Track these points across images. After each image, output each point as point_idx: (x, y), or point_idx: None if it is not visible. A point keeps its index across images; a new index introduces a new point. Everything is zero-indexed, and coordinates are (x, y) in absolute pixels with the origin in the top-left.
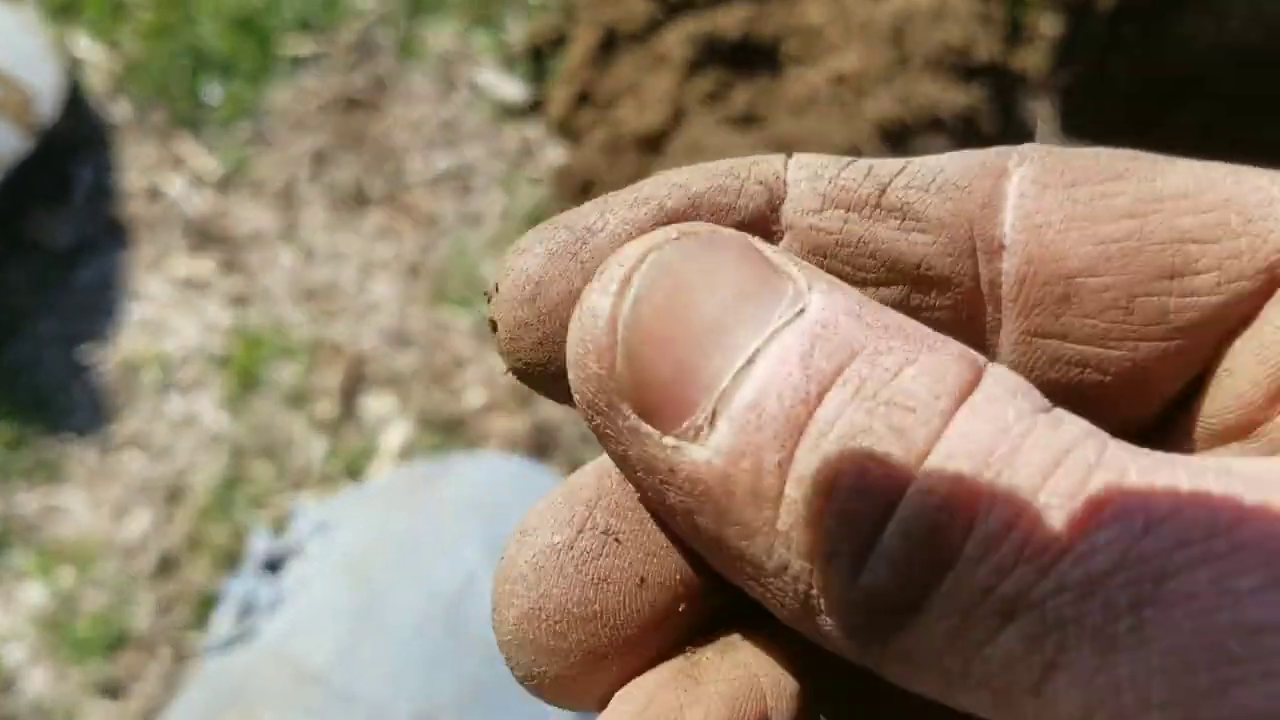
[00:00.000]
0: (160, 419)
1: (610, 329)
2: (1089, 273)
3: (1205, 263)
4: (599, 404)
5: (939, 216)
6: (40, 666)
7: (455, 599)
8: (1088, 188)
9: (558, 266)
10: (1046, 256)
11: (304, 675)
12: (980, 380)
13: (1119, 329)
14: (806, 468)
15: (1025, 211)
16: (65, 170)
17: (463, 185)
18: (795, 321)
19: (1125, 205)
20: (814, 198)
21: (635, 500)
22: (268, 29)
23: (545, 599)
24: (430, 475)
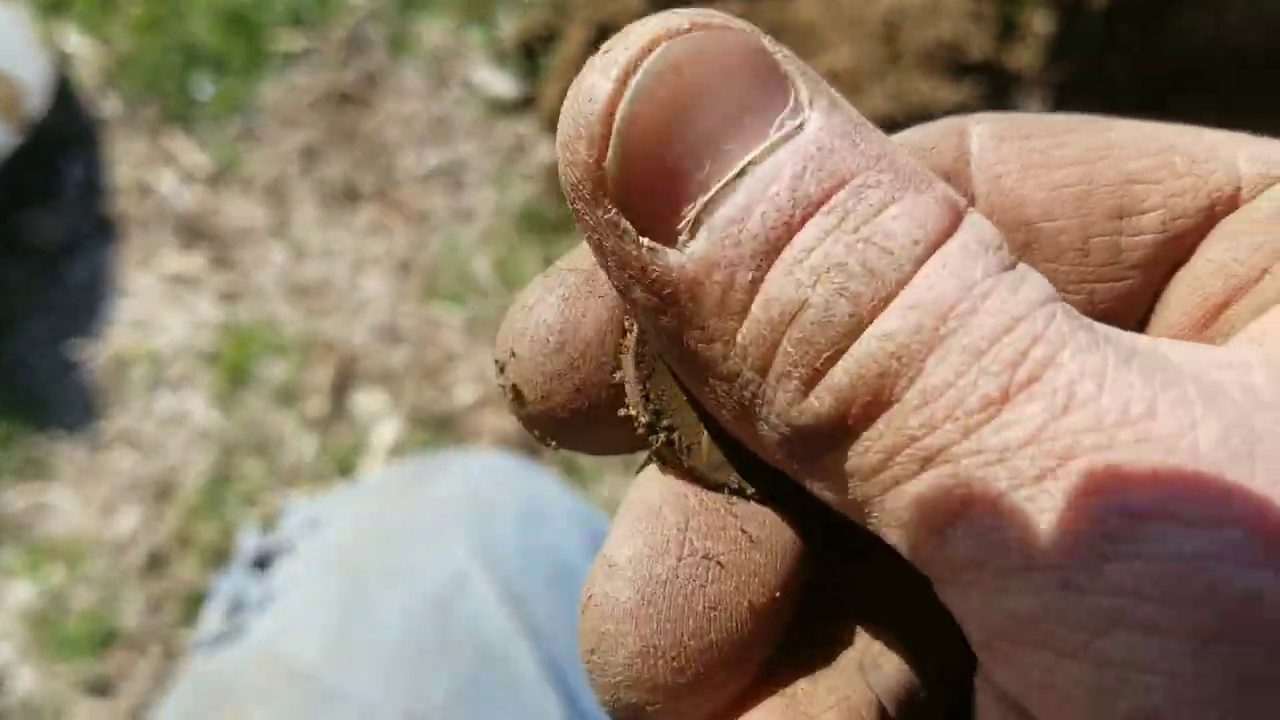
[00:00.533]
0: (150, 416)
1: (606, 117)
2: (1046, 217)
3: (1151, 201)
4: (583, 191)
5: None
6: (29, 665)
7: (446, 598)
8: (1041, 139)
9: (579, 308)
10: (1006, 204)
11: (294, 673)
12: (958, 228)
13: (1077, 271)
14: (777, 290)
15: (985, 163)
16: (55, 166)
17: (454, 181)
18: (792, 139)
19: (1076, 153)
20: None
21: (724, 518)
22: (259, 24)
23: (659, 635)
24: (421, 473)
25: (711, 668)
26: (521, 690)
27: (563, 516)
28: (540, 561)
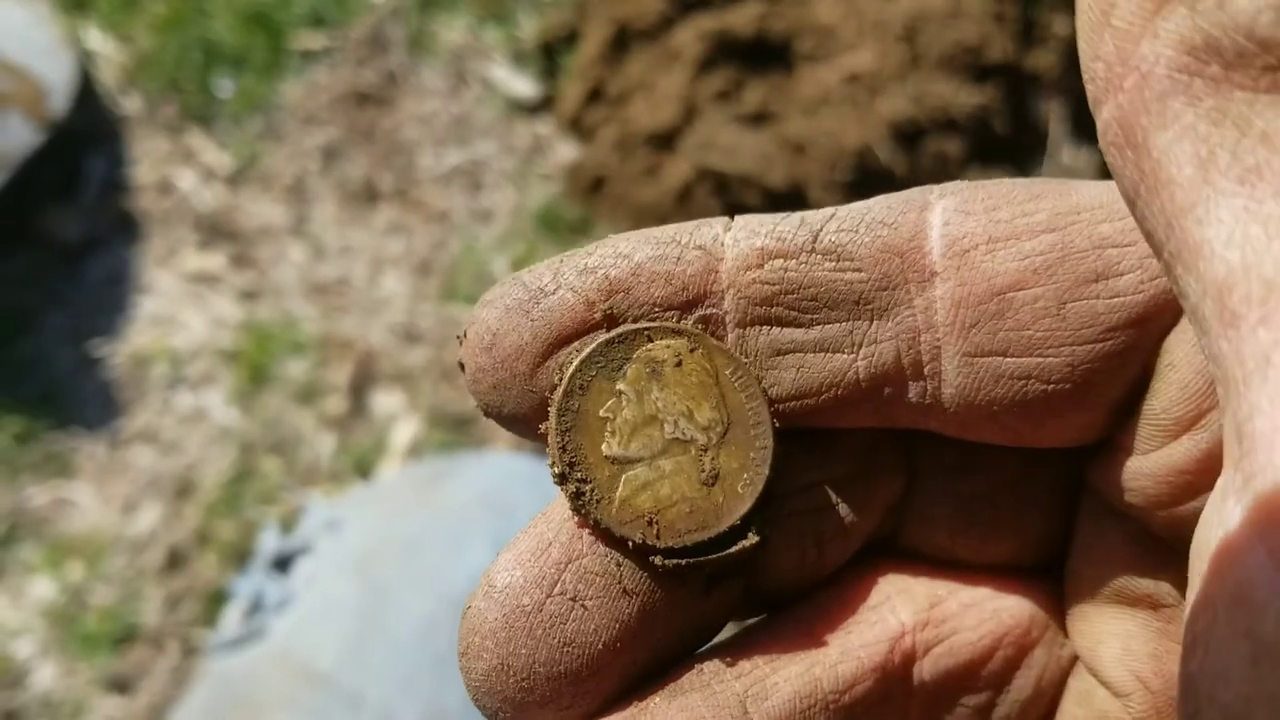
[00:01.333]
0: (170, 414)
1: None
2: (1019, 286)
3: (1126, 264)
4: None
5: (869, 254)
6: (49, 661)
7: (463, 600)
8: (1008, 209)
9: (511, 322)
10: (977, 277)
11: (312, 676)
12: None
13: (1055, 336)
14: None
15: (951, 238)
16: (76, 163)
17: (473, 181)
18: None
19: (1045, 220)
20: (753, 254)
21: (604, 566)
22: (279, 23)
23: (513, 657)
24: (438, 475)
25: (559, 691)
26: None
27: None
28: None
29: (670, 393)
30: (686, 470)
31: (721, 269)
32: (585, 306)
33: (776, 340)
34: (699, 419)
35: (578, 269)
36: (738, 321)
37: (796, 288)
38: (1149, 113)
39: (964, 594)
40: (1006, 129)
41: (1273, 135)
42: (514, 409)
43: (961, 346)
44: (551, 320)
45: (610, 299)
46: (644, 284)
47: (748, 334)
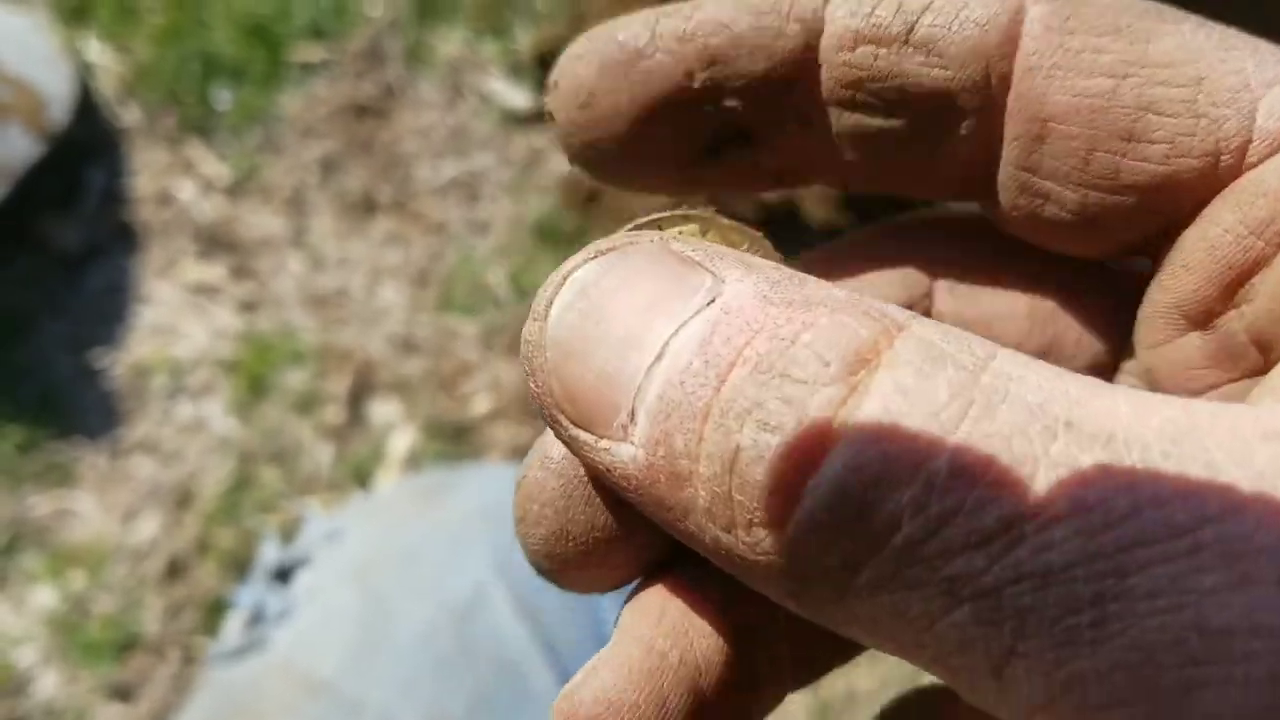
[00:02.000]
0: (169, 423)
1: (540, 351)
2: (1060, 119)
3: (1160, 134)
4: (546, 416)
5: (960, 54)
6: (52, 669)
7: (464, 609)
8: (1081, 38)
9: (607, 81)
10: (1031, 95)
11: (313, 685)
12: (893, 342)
13: (1076, 174)
14: (714, 446)
15: (1025, 53)
16: (76, 174)
17: (470, 193)
18: (701, 311)
19: (1107, 64)
20: (847, 35)
21: None
22: (278, 36)
23: (572, 523)
24: (437, 487)
25: (617, 550)
26: (537, 703)
27: None
28: None
29: None
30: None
31: (821, 44)
32: (684, 76)
33: (857, 125)
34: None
35: (676, 33)
36: (830, 100)
37: (884, 76)
38: None
39: None
40: None
41: None
42: (606, 161)
43: (1009, 155)
44: (650, 85)
45: (710, 69)
46: (745, 57)
47: (832, 115)
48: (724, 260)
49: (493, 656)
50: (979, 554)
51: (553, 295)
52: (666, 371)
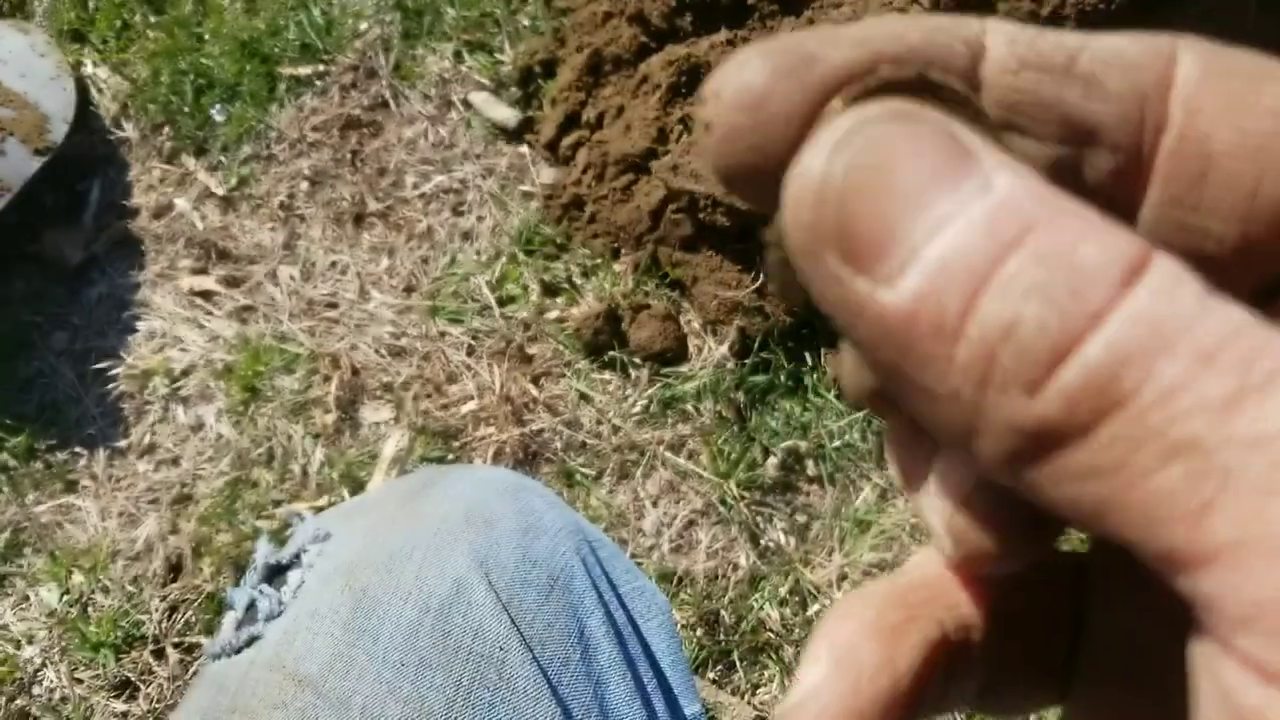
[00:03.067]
0: (168, 429)
1: (823, 184)
2: (1226, 155)
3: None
4: (809, 248)
5: (1119, 89)
6: (55, 666)
7: (446, 606)
8: (1241, 81)
9: (781, 85)
10: (1196, 136)
11: (302, 681)
12: (1148, 264)
13: (1239, 210)
14: (989, 311)
15: (1186, 95)
16: (75, 188)
17: (457, 203)
18: (982, 195)
19: (1270, 103)
20: (1012, 59)
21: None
22: (271, 52)
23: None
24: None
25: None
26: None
27: (556, 528)
28: (537, 573)
29: None
30: None
31: (983, 67)
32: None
33: (1014, 148)
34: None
35: (850, 39)
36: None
37: (1046, 102)
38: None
39: None
40: None
41: None
42: (760, 171)
43: (1161, 193)
44: (828, 84)
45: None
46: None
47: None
48: (997, 156)
49: (472, 651)
50: (1202, 420)
51: (842, 137)
52: (950, 239)
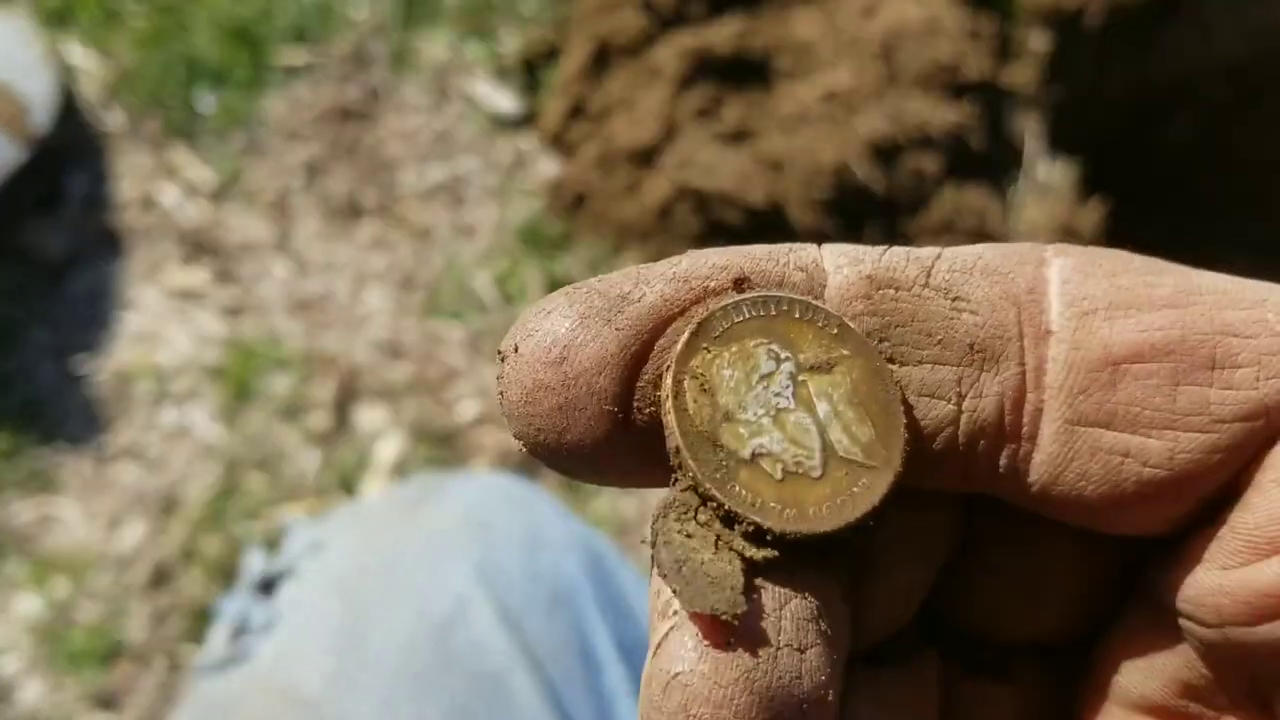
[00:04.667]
0: (154, 430)
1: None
2: (1135, 358)
3: (1244, 357)
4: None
5: (987, 298)
6: (35, 677)
7: (447, 623)
8: (1130, 276)
9: (590, 330)
10: (1094, 342)
11: (295, 699)
12: None
13: (1162, 417)
14: None
15: (1071, 298)
16: (58, 179)
17: (456, 197)
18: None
19: (1168, 295)
20: (860, 281)
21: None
22: (262, 38)
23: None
24: (422, 495)
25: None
26: (519, 717)
27: (561, 539)
28: (540, 586)
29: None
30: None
31: (826, 295)
32: (684, 319)
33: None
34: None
35: (665, 276)
36: None
37: (909, 320)
38: None
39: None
40: (982, 145)
41: None
42: (581, 434)
43: (1065, 412)
44: (641, 330)
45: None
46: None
47: None
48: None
49: (473, 669)
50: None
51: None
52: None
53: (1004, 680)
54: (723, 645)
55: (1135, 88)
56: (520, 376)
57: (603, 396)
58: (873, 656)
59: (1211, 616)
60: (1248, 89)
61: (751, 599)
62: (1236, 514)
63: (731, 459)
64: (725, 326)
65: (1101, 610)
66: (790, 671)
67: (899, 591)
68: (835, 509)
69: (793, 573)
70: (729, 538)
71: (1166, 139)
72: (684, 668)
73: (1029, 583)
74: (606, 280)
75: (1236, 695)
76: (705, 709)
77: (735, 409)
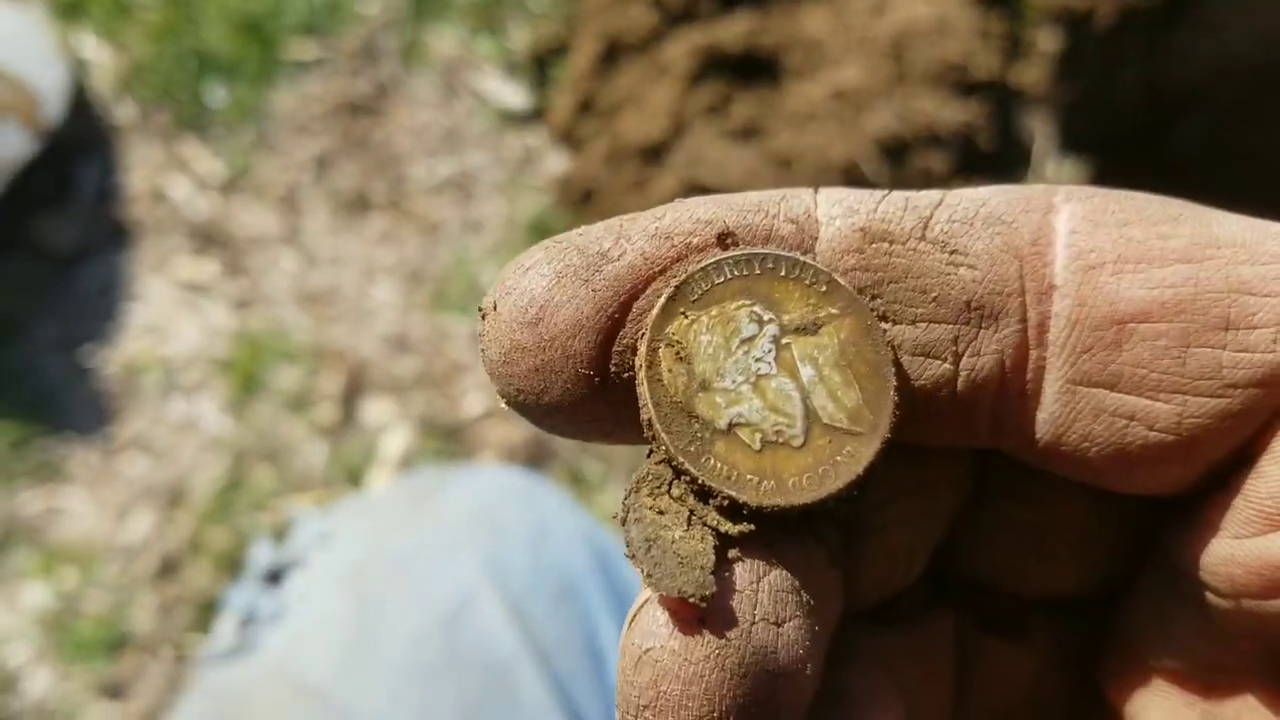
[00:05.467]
0: (162, 422)
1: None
2: (1143, 317)
3: (1262, 317)
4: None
5: (987, 251)
6: (43, 667)
7: (454, 617)
8: (1142, 227)
9: (566, 291)
10: (1100, 299)
11: (304, 691)
12: None
13: (1170, 380)
14: None
15: (1078, 250)
16: (69, 172)
17: (465, 192)
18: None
19: (1181, 248)
20: (853, 234)
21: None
22: (272, 32)
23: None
24: (429, 489)
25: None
26: (526, 709)
27: (568, 533)
28: (548, 580)
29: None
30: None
31: (817, 249)
32: (663, 279)
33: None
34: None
35: (648, 232)
36: None
37: (903, 276)
38: None
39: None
40: (991, 144)
41: None
42: (559, 396)
43: (1068, 372)
44: (619, 290)
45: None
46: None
47: None
48: None
49: (481, 662)
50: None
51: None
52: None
53: (1021, 637)
54: (692, 627)
55: (1145, 88)
56: (499, 336)
57: (578, 360)
58: (879, 618)
59: (1225, 586)
60: (1258, 90)
61: (723, 578)
62: (1250, 482)
63: (707, 430)
64: (705, 288)
65: (1117, 568)
66: (765, 646)
67: (899, 551)
68: (816, 479)
69: (772, 543)
70: (703, 512)
71: (1176, 140)
72: (654, 644)
73: (1041, 535)
74: (588, 234)
75: (1254, 663)
76: (675, 685)
77: (713, 377)
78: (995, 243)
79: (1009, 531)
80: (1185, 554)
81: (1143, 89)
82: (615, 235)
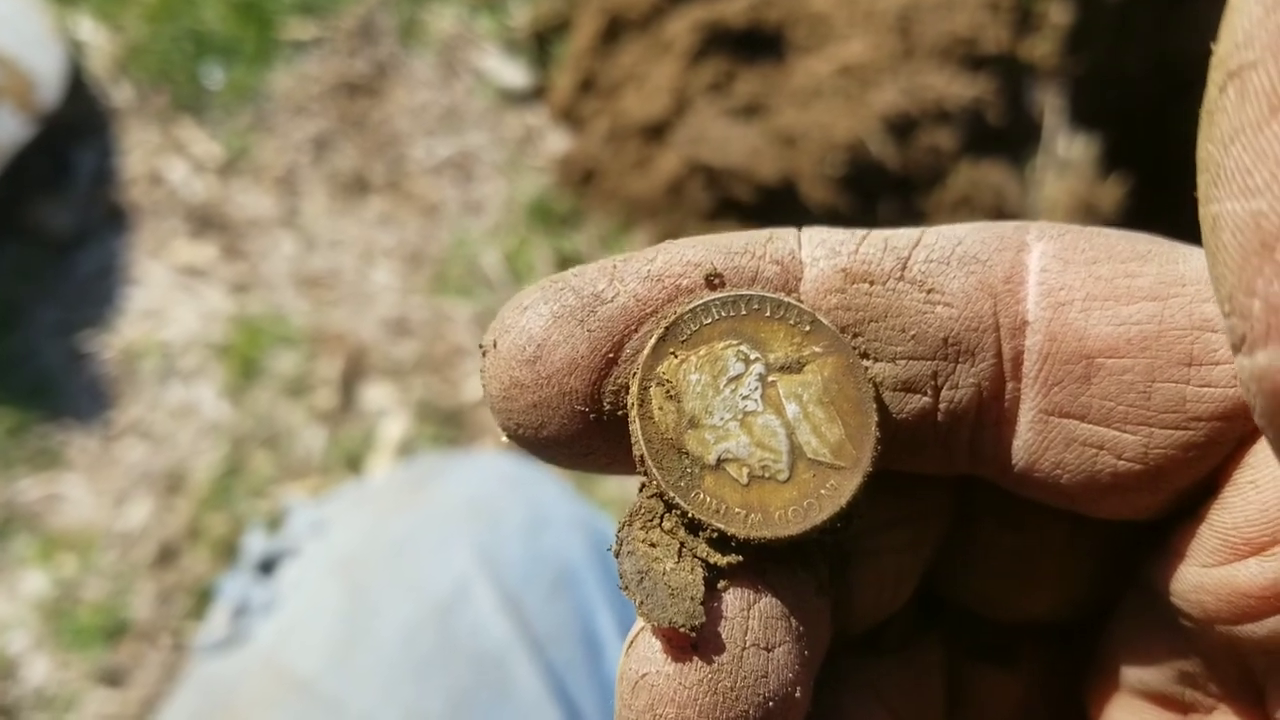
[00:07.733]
0: (160, 407)
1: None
2: (1110, 353)
3: (1224, 353)
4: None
5: (963, 290)
6: (42, 654)
7: (448, 607)
8: (1110, 265)
9: (563, 330)
10: (1069, 334)
11: (295, 682)
12: None
13: (1136, 413)
14: None
15: (1048, 288)
16: (66, 154)
17: (464, 172)
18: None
19: (1148, 286)
20: (835, 275)
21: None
22: (269, 12)
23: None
24: (425, 477)
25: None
26: (520, 700)
27: (565, 521)
28: (543, 569)
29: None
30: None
31: (801, 289)
32: (654, 320)
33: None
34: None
35: (640, 274)
36: None
37: (883, 315)
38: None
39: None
40: (1000, 120)
41: None
42: (556, 430)
43: (1041, 403)
44: (613, 331)
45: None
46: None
47: None
48: None
49: (474, 653)
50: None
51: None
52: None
53: (1009, 663)
54: (684, 655)
55: (1157, 62)
56: (498, 373)
57: (574, 397)
58: (870, 645)
59: (1197, 612)
60: None
61: (712, 608)
62: (1215, 512)
63: (696, 465)
64: (694, 329)
65: (1098, 592)
66: (756, 671)
67: (886, 578)
68: (801, 512)
69: (763, 572)
70: (693, 545)
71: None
72: (650, 669)
73: (1025, 560)
74: (582, 275)
75: (1230, 684)
76: (670, 709)
77: (701, 414)
78: (970, 281)
79: (994, 557)
80: (1160, 579)
81: (1154, 62)
82: (609, 277)
